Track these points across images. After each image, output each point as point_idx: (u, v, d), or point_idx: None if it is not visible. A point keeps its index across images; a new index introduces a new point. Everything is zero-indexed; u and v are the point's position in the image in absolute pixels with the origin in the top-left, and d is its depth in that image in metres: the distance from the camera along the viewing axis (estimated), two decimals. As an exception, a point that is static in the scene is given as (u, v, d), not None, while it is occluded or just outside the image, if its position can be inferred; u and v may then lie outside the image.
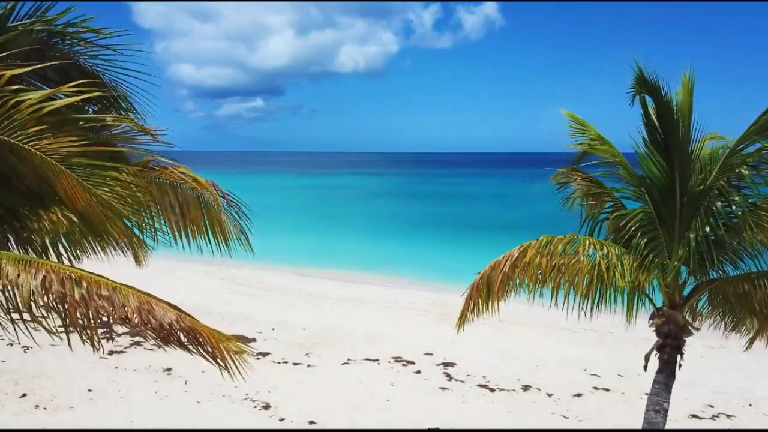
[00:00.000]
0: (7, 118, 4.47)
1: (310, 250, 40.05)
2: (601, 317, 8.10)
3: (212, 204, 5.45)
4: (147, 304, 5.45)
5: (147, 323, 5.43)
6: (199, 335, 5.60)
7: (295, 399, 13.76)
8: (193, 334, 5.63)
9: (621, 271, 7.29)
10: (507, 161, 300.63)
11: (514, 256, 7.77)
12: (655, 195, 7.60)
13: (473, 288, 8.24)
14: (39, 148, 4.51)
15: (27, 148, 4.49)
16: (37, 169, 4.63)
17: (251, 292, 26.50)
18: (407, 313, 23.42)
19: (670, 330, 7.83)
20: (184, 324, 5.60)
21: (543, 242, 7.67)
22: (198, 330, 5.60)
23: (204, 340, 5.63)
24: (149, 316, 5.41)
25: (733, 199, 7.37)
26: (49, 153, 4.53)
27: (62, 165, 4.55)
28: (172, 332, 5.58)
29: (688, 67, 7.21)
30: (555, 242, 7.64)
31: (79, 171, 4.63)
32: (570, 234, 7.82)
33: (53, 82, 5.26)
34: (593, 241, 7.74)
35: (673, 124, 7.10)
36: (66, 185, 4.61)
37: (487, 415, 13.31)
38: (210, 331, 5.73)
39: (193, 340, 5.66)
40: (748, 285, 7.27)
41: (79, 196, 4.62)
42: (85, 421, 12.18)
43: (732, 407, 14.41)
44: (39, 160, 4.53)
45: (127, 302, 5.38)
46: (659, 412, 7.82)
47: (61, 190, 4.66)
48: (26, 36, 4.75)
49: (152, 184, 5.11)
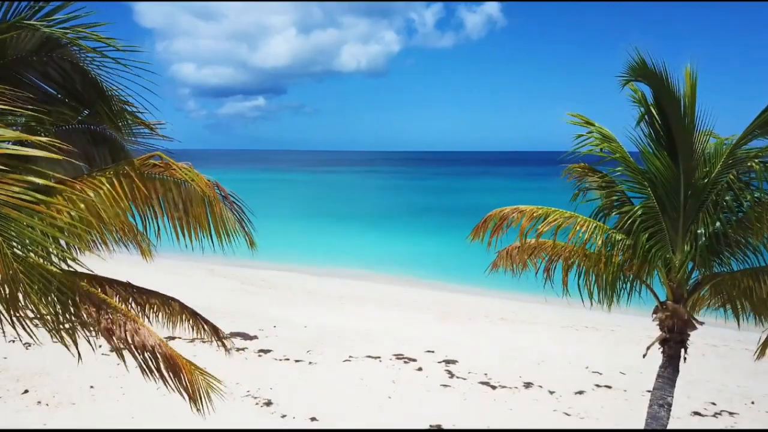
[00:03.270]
0: None
1: (311, 249, 40.07)
2: (601, 316, 8.19)
3: (215, 203, 5.39)
4: (133, 321, 5.43)
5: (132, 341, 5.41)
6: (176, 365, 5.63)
7: (296, 396, 13.76)
8: (172, 361, 5.67)
9: (608, 257, 7.51)
10: (511, 159, 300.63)
11: (507, 216, 8.37)
12: (659, 189, 7.59)
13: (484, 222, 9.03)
14: None
15: None
16: None
17: (252, 290, 26.54)
18: (409, 310, 23.43)
19: (674, 324, 7.83)
20: (163, 350, 5.61)
21: (540, 213, 7.99)
22: (176, 359, 5.63)
23: (180, 369, 5.67)
24: (134, 335, 5.39)
25: (743, 194, 7.37)
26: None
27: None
28: (154, 355, 5.59)
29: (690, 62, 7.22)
30: (553, 216, 8.01)
31: (3, 225, 3.85)
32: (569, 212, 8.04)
33: (54, 82, 5.22)
34: (590, 223, 7.85)
35: (678, 115, 7.07)
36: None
37: (489, 413, 13.31)
38: (186, 363, 5.77)
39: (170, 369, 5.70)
40: (752, 280, 7.27)
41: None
42: (87, 417, 12.19)
43: (734, 405, 14.39)
44: None
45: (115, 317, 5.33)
46: (663, 407, 7.82)
47: None
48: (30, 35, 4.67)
49: (156, 180, 5.08)
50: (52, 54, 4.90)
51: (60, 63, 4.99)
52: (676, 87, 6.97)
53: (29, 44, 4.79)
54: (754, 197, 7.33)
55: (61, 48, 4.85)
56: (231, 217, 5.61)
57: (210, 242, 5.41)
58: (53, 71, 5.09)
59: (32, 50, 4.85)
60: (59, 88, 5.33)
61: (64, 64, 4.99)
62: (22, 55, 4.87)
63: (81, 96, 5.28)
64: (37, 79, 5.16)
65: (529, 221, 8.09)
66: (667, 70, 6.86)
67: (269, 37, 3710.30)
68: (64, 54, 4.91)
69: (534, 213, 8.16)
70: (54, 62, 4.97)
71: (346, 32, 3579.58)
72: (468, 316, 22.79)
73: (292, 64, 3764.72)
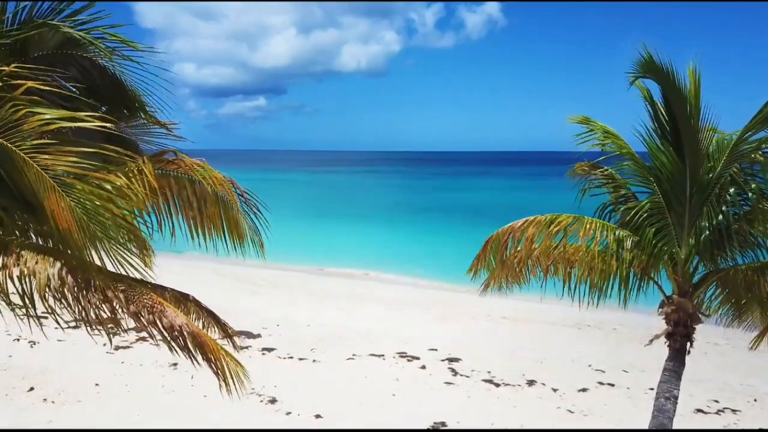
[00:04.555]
0: (15, 126, 4.45)
1: (312, 248, 40.09)
2: (603, 315, 8.28)
3: (229, 202, 5.44)
4: (160, 304, 5.48)
5: (157, 323, 5.46)
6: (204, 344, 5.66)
7: (300, 393, 13.82)
8: (198, 339, 5.70)
9: (618, 254, 7.44)
10: (511, 159, 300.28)
11: (516, 228, 8.12)
12: (665, 184, 7.65)
13: (484, 247, 8.71)
14: (37, 161, 4.44)
15: (26, 158, 4.44)
16: (32, 183, 4.56)
17: (255, 290, 26.58)
18: (412, 309, 23.47)
19: (679, 318, 7.89)
20: (191, 329, 5.66)
21: (546, 219, 7.92)
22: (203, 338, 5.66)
23: (209, 350, 5.70)
24: (161, 316, 5.45)
25: (749, 187, 7.44)
26: (45, 168, 4.46)
27: (55, 182, 4.47)
28: (182, 334, 5.63)
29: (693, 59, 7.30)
30: (558, 220, 7.88)
31: (71, 192, 4.51)
32: (574, 215, 8.01)
33: (74, 80, 5.30)
34: (596, 223, 7.86)
35: (684, 111, 7.13)
36: (53, 203, 4.49)
37: (493, 410, 13.37)
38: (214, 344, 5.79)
39: (198, 347, 5.72)
40: (757, 274, 7.34)
41: (64, 217, 4.48)
42: (93, 414, 12.24)
43: (737, 402, 14.46)
44: (35, 173, 4.46)
45: (141, 300, 5.41)
46: (669, 399, 7.89)
47: (48, 206, 4.54)
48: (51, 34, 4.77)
49: (170, 177, 5.13)
50: (73, 52, 4.98)
51: (80, 60, 5.06)
52: (682, 83, 7.04)
53: (51, 43, 4.87)
54: (759, 188, 7.40)
55: (81, 46, 4.94)
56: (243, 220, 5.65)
57: (224, 243, 5.45)
58: (74, 68, 5.17)
59: (54, 48, 4.93)
60: (79, 85, 5.41)
61: (83, 61, 5.07)
62: (44, 53, 4.95)
63: (99, 92, 5.36)
64: (58, 76, 5.24)
65: (537, 228, 7.96)
66: (673, 67, 6.94)
67: (269, 37, 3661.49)
68: (84, 52, 4.99)
69: (542, 221, 8.04)
70: (74, 59, 5.05)
71: (346, 32, 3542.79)
72: (470, 315, 22.84)
73: (292, 64, 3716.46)
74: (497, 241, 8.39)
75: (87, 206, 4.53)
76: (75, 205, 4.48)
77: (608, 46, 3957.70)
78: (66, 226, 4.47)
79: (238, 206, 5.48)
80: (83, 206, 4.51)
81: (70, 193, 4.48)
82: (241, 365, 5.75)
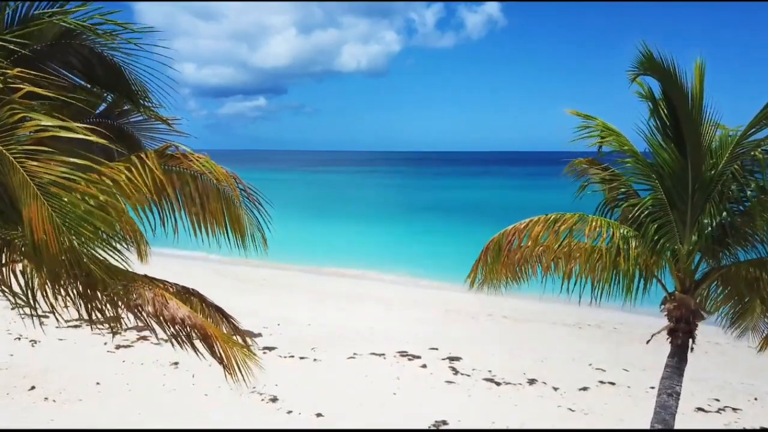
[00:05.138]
0: (10, 129, 4.33)
1: (312, 248, 40.07)
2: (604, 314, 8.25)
3: (232, 198, 5.42)
4: (161, 296, 5.47)
5: (160, 315, 5.45)
6: (210, 336, 5.60)
7: (301, 392, 13.82)
8: (203, 331, 5.64)
9: (625, 252, 7.40)
10: (511, 159, 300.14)
11: (521, 229, 8.00)
12: (667, 181, 7.65)
13: (484, 252, 8.51)
14: (25, 166, 4.26)
15: (14, 162, 4.27)
16: (15, 188, 4.37)
17: (255, 289, 26.56)
18: (412, 309, 23.47)
19: (681, 314, 7.90)
20: (195, 321, 5.61)
21: (551, 219, 7.85)
22: (208, 329, 5.60)
23: (213, 340, 5.64)
24: (163, 309, 5.43)
25: (748, 184, 7.44)
26: (32, 174, 4.27)
27: (39, 191, 4.26)
28: (184, 327, 5.60)
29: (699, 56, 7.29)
30: (563, 219, 7.79)
31: (53, 202, 4.30)
32: (578, 213, 7.95)
33: (77, 70, 5.31)
34: (601, 221, 7.84)
35: (686, 108, 7.12)
36: (33, 211, 4.26)
37: (494, 409, 13.37)
38: (219, 334, 5.73)
39: (203, 339, 5.68)
40: (759, 270, 7.34)
41: (42, 227, 4.25)
42: (94, 413, 12.25)
43: (738, 401, 14.47)
44: (20, 178, 4.28)
45: (143, 293, 5.41)
46: (672, 396, 7.89)
47: (27, 215, 4.31)
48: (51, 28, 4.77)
49: (173, 173, 5.12)
50: (71, 41, 4.99)
51: (79, 49, 5.07)
52: (684, 80, 7.03)
53: (50, 35, 4.88)
54: (759, 185, 7.41)
55: (78, 35, 4.94)
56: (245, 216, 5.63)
57: (226, 239, 5.43)
58: (74, 58, 5.18)
59: (53, 39, 4.94)
60: (80, 74, 5.42)
61: (83, 50, 5.07)
62: (44, 46, 4.95)
63: (101, 80, 5.37)
64: (60, 67, 5.24)
65: (542, 226, 7.85)
66: (674, 64, 6.93)
67: (269, 37, 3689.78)
68: (82, 41, 5.00)
69: (547, 219, 7.94)
70: (73, 49, 5.06)
71: (346, 32, 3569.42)
72: (470, 314, 22.85)
73: (293, 64, 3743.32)
74: (498, 244, 8.23)
75: (69, 217, 4.36)
76: (56, 215, 4.30)
77: (608, 46, 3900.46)
78: (42, 236, 4.27)
79: (240, 201, 5.46)
80: (64, 218, 4.34)
81: (53, 203, 4.30)
82: (254, 354, 5.68)
